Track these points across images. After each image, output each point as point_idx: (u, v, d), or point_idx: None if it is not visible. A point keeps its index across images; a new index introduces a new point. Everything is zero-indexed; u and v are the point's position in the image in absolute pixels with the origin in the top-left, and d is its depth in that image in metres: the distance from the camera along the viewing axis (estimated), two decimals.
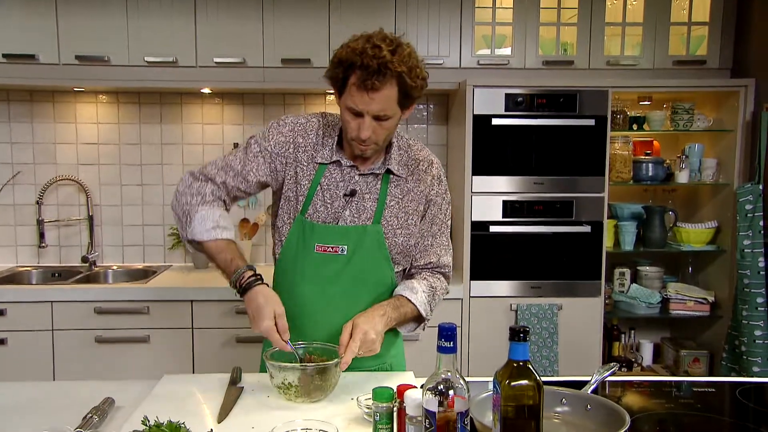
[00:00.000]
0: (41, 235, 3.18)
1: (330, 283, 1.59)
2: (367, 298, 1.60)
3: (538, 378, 1.05)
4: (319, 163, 1.61)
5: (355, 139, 1.52)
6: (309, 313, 1.60)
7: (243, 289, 1.52)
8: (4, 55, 2.86)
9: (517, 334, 1.05)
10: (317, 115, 1.68)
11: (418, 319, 1.66)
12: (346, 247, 1.58)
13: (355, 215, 1.60)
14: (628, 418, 1.20)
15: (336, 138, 1.61)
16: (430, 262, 1.70)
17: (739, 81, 2.95)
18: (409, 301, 1.60)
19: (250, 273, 1.53)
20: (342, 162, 1.60)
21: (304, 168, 1.61)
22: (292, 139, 1.62)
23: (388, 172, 1.62)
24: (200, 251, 1.64)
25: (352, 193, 1.60)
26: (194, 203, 1.59)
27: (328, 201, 1.60)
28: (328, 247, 1.58)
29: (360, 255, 1.58)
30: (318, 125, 1.65)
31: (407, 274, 1.73)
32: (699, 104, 3.10)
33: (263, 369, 1.71)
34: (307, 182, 1.60)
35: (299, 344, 1.54)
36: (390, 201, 1.61)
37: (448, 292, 1.76)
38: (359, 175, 1.61)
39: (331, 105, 3.30)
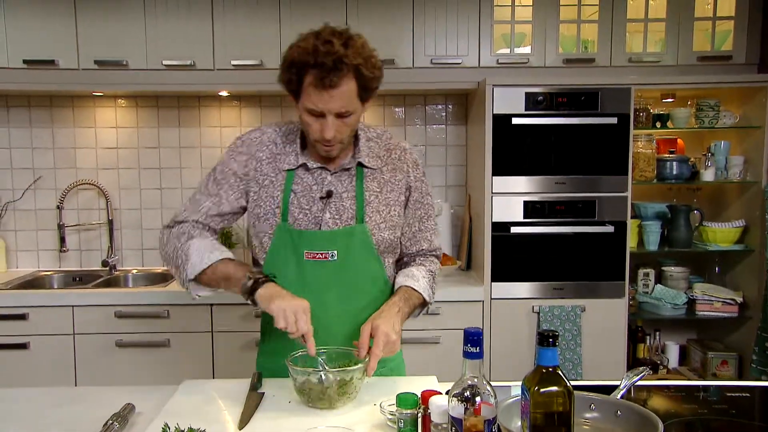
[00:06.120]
0: (62, 240, 3.20)
1: (324, 290, 1.56)
2: (361, 300, 1.59)
3: (568, 384, 1.02)
4: (287, 170, 1.58)
5: (320, 140, 1.49)
6: None
7: (264, 282, 1.47)
8: (24, 61, 2.88)
9: (546, 339, 1.02)
10: (272, 125, 1.65)
11: (422, 304, 1.67)
12: (335, 252, 1.55)
13: (336, 216, 1.57)
14: (660, 425, 1.16)
15: (298, 142, 1.59)
16: (422, 249, 1.72)
17: (767, 76, 2.87)
18: (414, 290, 1.62)
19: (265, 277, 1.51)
20: (309, 165, 1.58)
21: (273, 179, 1.58)
22: (252, 155, 1.60)
23: (360, 165, 1.59)
24: (203, 288, 1.57)
25: (329, 194, 1.57)
26: (183, 242, 1.55)
27: (305, 206, 1.56)
28: (317, 254, 1.55)
29: (350, 258, 1.56)
30: (275, 135, 1.62)
31: (401, 262, 1.74)
32: (725, 100, 3.02)
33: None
34: (279, 192, 1.57)
35: (318, 349, 1.52)
36: (369, 196, 1.59)
37: (440, 270, 1.79)
38: (331, 174, 1.58)
39: None
